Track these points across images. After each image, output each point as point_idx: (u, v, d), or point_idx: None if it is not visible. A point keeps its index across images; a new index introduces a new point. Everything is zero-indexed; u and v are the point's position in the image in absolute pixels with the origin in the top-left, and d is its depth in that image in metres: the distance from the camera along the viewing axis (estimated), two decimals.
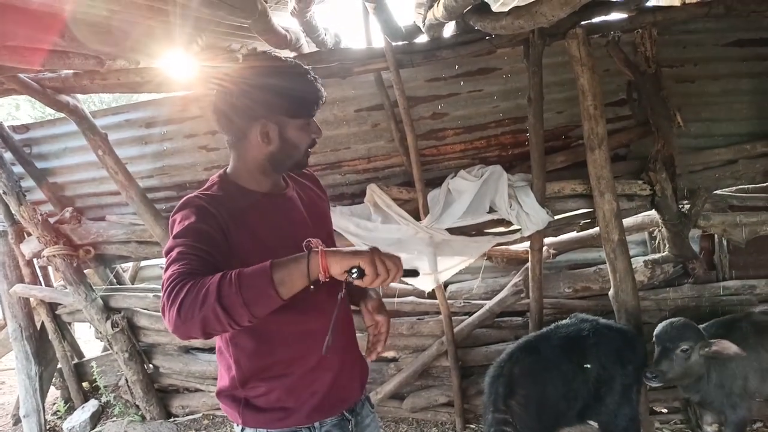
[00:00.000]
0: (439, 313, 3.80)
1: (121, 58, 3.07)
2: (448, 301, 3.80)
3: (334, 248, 1.33)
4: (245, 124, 1.55)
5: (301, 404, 1.61)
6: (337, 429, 1.68)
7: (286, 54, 3.37)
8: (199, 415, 4.31)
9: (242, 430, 1.65)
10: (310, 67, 1.66)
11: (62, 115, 3.56)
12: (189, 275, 1.27)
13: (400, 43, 3.28)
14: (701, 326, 2.93)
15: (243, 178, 1.63)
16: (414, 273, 1.45)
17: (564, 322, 3.07)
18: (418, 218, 3.58)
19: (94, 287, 4.14)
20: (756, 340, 2.86)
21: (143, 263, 5.43)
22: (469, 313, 3.91)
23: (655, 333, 2.77)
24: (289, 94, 1.53)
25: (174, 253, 1.35)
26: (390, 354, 4.06)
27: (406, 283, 3.89)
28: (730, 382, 2.82)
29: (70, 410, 4.51)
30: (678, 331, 2.71)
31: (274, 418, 1.61)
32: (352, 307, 1.84)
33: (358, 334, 1.87)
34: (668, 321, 2.79)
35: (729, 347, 2.64)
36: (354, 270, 1.28)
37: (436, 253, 3.62)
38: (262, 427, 1.62)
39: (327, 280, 1.29)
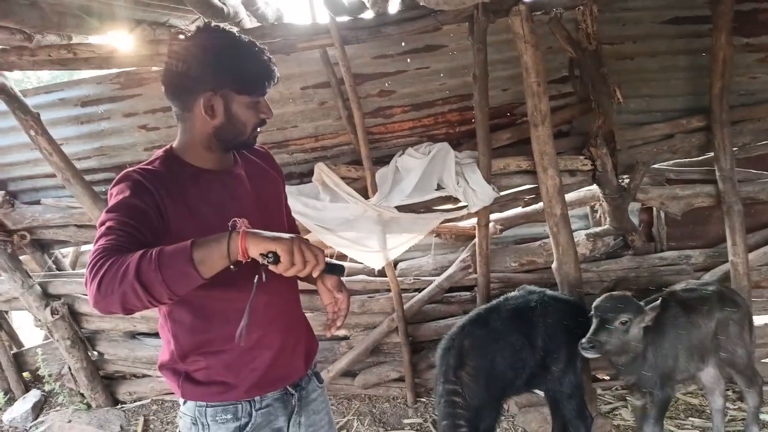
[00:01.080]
0: (389, 290, 3.82)
1: (51, 33, 2.93)
2: (398, 279, 3.83)
3: (257, 230, 1.28)
4: (191, 97, 1.51)
5: (241, 380, 1.60)
6: (279, 403, 1.69)
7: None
8: (148, 400, 4.24)
9: (184, 403, 1.65)
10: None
11: None
12: (113, 251, 1.26)
13: (344, 18, 3.23)
14: None
15: (188, 154, 1.59)
16: (339, 269, 1.46)
17: (512, 294, 3.14)
18: (366, 197, 3.57)
19: (31, 274, 3.98)
20: (686, 318, 2.91)
21: (84, 248, 5.24)
22: (419, 290, 3.95)
23: (594, 305, 2.76)
24: (238, 69, 1.50)
25: (103, 228, 1.33)
26: (341, 332, 4.07)
27: (356, 261, 3.90)
28: (664, 362, 2.86)
29: (11, 401, 4.36)
30: (618, 302, 2.70)
31: (212, 392, 1.60)
32: (306, 286, 1.81)
33: (312, 313, 1.87)
34: (608, 293, 2.81)
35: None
36: (270, 254, 1.24)
37: (385, 231, 3.63)
38: (202, 401, 1.61)
39: (248, 261, 1.26)
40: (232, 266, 1.27)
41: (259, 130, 1.61)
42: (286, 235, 1.27)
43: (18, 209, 3.89)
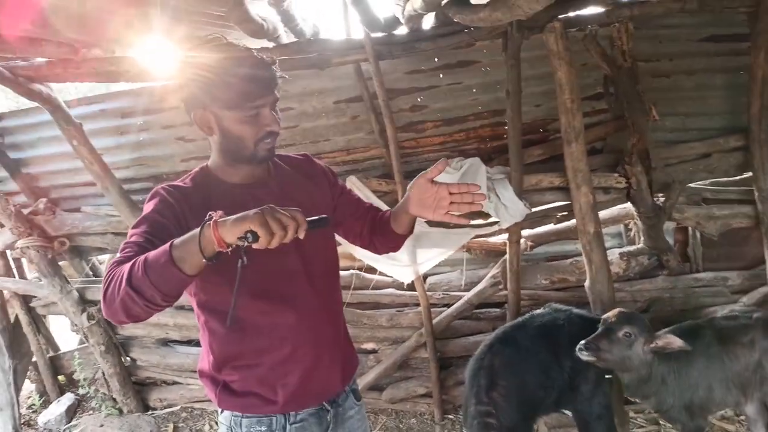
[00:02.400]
0: (418, 304, 3.82)
1: (96, 47, 3.03)
2: (428, 293, 3.82)
3: (227, 217, 1.22)
4: (191, 114, 1.56)
5: (275, 394, 1.61)
6: (314, 418, 1.68)
7: (264, 44, 3.35)
8: (177, 407, 4.29)
9: (221, 411, 1.67)
10: (285, 57, 1.65)
11: (36, 104, 3.50)
12: (120, 264, 1.29)
13: (379, 34, 3.28)
14: (665, 329, 2.88)
15: (218, 169, 1.63)
16: (323, 221, 1.33)
17: (539, 311, 3.10)
18: None
19: (69, 279, 4.09)
20: (720, 348, 2.78)
21: None
22: (448, 305, 3.94)
23: (602, 317, 2.69)
24: (222, 85, 1.48)
25: (122, 245, 1.38)
26: (369, 346, 4.07)
27: (386, 275, 3.90)
28: (691, 392, 2.75)
29: (46, 404, 4.46)
30: (625, 316, 2.62)
31: (248, 404, 1.62)
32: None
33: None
34: (618, 309, 2.72)
35: (673, 341, 2.54)
36: (248, 234, 1.19)
37: (415, 245, 3.63)
38: (238, 411, 1.63)
39: (228, 250, 1.22)
40: (210, 260, 1.22)
41: (268, 141, 1.56)
42: (252, 210, 1.21)
43: (59, 216, 4.01)
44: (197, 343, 4.22)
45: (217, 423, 4.09)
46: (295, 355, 1.61)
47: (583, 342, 2.54)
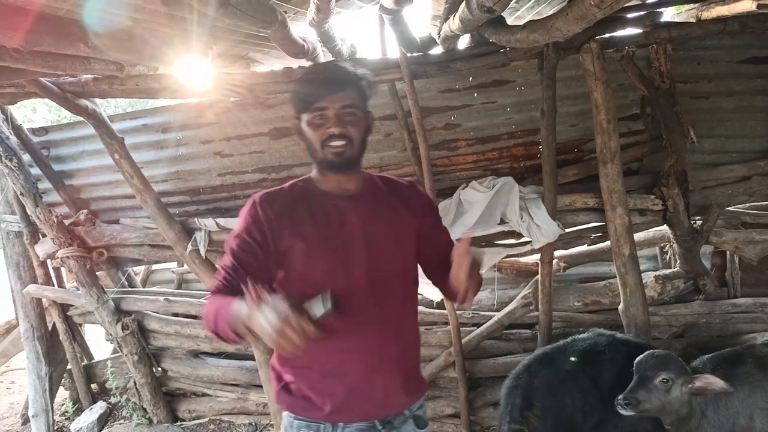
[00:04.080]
0: (447, 323, 3.79)
1: (140, 65, 3.12)
2: (457, 312, 3.80)
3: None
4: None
5: (321, 401, 1.65)
6: None
7: (302, 63, 3.41)
8: (206, 420, 4.32)
9: (281, 409, 1.77)
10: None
11: (80, 118, 3.61)
12: (213, 293, 1.56)
13: (414, 54, 3.31)
14: (705, 357, 2.83)
15: (316, 177, 1.74)
16: (326, 308, 1.35)
17: (581, 336, 3.04)
18: None
19: (105, 289, 4.18)
20: (762, 375, 2.67)
21: (155, 267, 5.47)
22: (478, 324, 3.91)
23: (635, 361, 2.59)
24: (296, 90, 1.67)
25: (220, 264, 1.65)
26: None
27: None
28: (732, 422, 2.64)
29: (78, 411, 4.53)
30: (659, 360, 2.52)
31: (299, 406, 1.69)
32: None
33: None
34: (650, 351, 2.61)
35: (714, 383, 2.44)
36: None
37: None
38: (292, 412, 1.71)
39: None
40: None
41: (333, 144, 1.60)
42: (260, 322, 1.27)
43: (98, 227, 4.11)
44: (228, 356, 4.27)
45: None
46: (343, 368, 1.64)
47: (621, 397, 2.48)
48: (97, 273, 4.22)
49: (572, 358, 2.82)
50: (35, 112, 14.08)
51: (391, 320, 1.67)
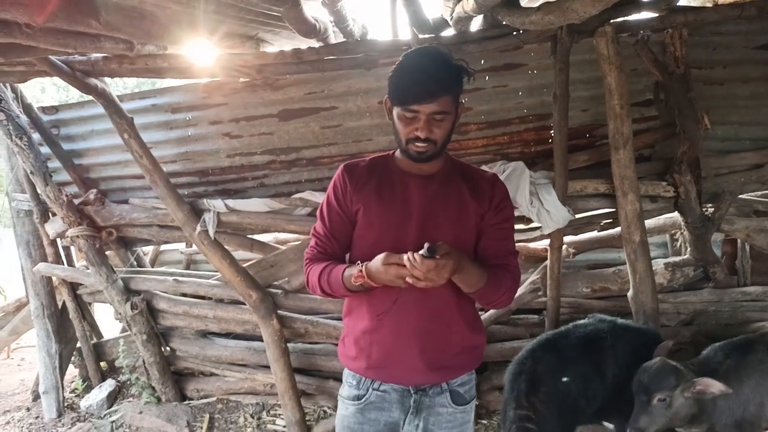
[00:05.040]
0: None
1: (149, 43, 3.11)
2: None
3: (372, 265, 1.61)
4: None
5: (361, 356, 1.83)
6: (396, 395, 1.82)
7: (312, 43, 3.39)
8: (214, 399, 4.36)
9: None
10: (332, 57, 1.73)
11: (90, 97, 3.61)
12: (311, 260, 1.85)
13: (426, 35, 3.28)
14: (717, 345, 2.85)
15: (398, 155, 1.87)
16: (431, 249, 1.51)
17: (582, 321, 3.07)
18: None
19: (115, 269, 4.20)
20: None
21: (164, 247, 5.49)
22: (483, 309, 3.91)
23: (634, 379, 2.60)
24: (395, 79, 1.69)
25: (312, 230, 1.91)
26: None
27: None
28: (743, 409, 2.67)
29: (88, 389, 4.58)
30: (652, 379, 2.52)
31: (346, 356, 1.89)
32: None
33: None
34: (645, 365, 2.58)
35: (712, 385, 2.45)
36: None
37: None
38: (342, 361, 1.93)
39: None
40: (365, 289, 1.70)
41: (418, 145, 1.68)
42: (384, 269, 1.57)
43: (107, 207, 4.12)
44: (235, 336, 4.30)
45: (252, 416, 4.16)
46: (381, 331, 1.77)
47: (628, 430, 2.53)
48: (106, 252, 4.24)
49: (575, 344, 2.83)
50: (44, 92, 14.10)
51: (431, 296, 1.72)
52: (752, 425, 2.71)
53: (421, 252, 1.49)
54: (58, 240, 4.38)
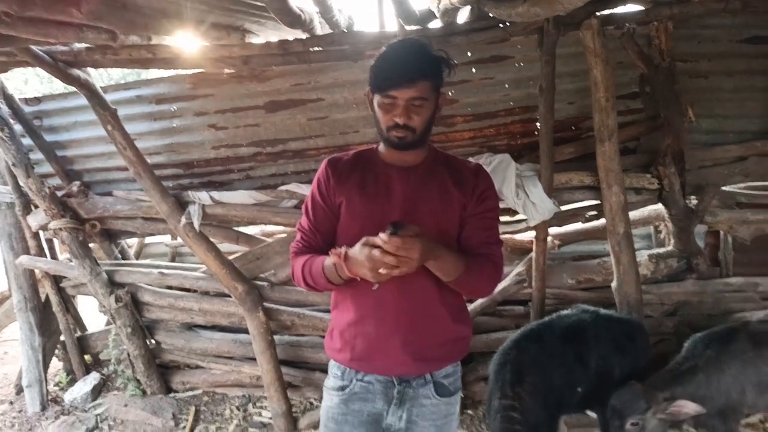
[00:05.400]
0: None
1: (133, 34, 3.06)
2: None
3: (350, 257, 1.59)
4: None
5: (345, 348, 1.84)
6: (380, 386, 1.84)
7: (298, 34, 3.36)
8: (199, 391, 4.35)
9: None
10: (318, 48, 1.71)
11: (73, 89, 3.55)
12: (296, 254, 1.87)
13: (413, 27, 3.26)
14: (698, 335, 2.91)
15: (381, 148, 1.86)
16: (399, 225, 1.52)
17: (566, 312, 3.10)
18: None
19: (99, 262, 4.16)
20: (755, 353, 2.77)
21: (148, 239, 5.46)
22: (471, 300, 3.92)
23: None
24: (375, 68, 1.71)
25: (297, 224, 1.92)
26: None
27: None
28: (725, 397, 2.73)
29: (72, 382, 4.55)
30: (623, 404, 2.59)
31: (331, 347, 1.91)
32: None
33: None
34: (618, 392, 2.64)
35: (686, 407, 2.52)
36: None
37: None
38: (327, 353, 1.94)
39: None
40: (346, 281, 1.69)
41: (397, 132, 1.70)
42: (363, 257, 1.53)
43: (91, 199, 4.07)
44: (221, 329, 4.29)
45: (238, 408, 4.15)
46: (361, 323, 1.78)
47: None
48: (90, 245, 4.20)
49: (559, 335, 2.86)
50: (27, 84, 13.89)
51: (414, 287, 1.74)
52: (734, 411, 2.77)
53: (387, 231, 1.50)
54: (41, 232, 4.33)
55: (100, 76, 12.68)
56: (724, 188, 3.72)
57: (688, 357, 2.82)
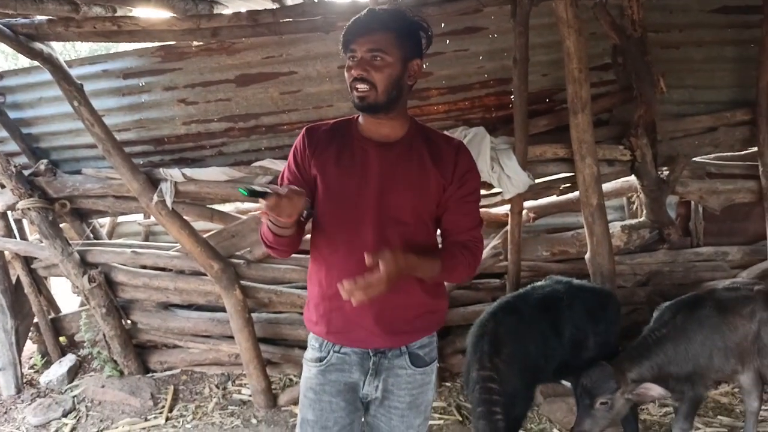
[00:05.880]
0: None
1: (97, 5, 2.98)
2: None
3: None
4: None
5: (320, 320, 1.83)
6: (356, 357, 1.83)
7: (268, 5, 3.29)
8: (178, 371, 4.33)
9: None
10: (289, 19, 1.65)
11: (37, 63, 3.45)
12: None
13: None
14: (666, 304, 2.97)
15: (360, 118, 1.79)
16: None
17: (540, 283, 3.13)
18: None
19: (70, 242, 4.08)
20: (720, 318, 2.83)
21: (120, 219, 5.36)
22: None
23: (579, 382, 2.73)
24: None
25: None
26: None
27: None
28: (693, 363, 2.79)
29: (47, 364, 4.50)
30: (594, 384, 2.64)
31: (308, 319, 1.90)
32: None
33: None
34: (585, 373, 2.69)
35: (652, 389, 2.61)
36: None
37: None
38: (306, 325, 1.93)
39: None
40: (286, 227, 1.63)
41: (357, 87, 1.64)
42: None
43: (59, 178, 3.98)
44: (198, 308, 4.26)
45: (217, 386, 4.15)
46: (336, 298, 1.67)
47: None
48: (60, 225, 4.11)
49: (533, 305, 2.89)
50: None
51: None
52: (702, 377, 2.84)
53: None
54: (9, 213, 4.23)
55: (67, 52, 12.34)
56: (694, 159, 3.77)
57: (657, 327, 2.87)
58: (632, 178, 3.69)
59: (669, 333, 2.80)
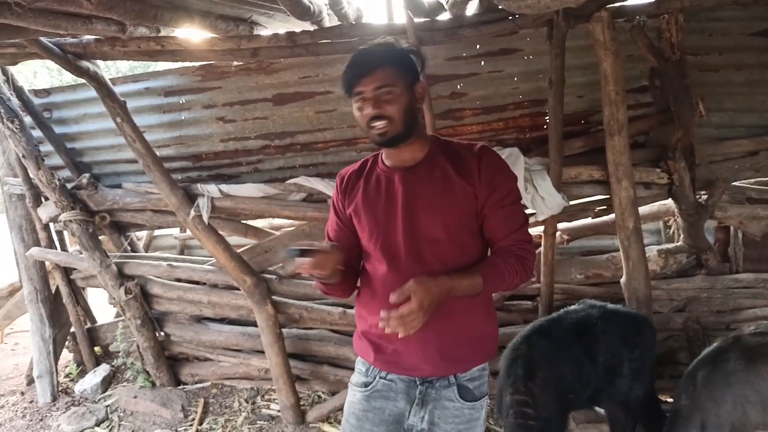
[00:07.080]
0: None
1: (142, 26, 3.08)
2: None
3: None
4: None
5: (369, 348, 1.85)
6: (403, 385, 1.83)
7: (306, 27, 3.36)
8: (208, 383, 4.38)
9: None
10: (327, 40, 1.71)
11: (82, 80, 3.57)
12: None
13: (422, 19, 3.25)
14: (689, 368, 2.71)
15: (384, 152, 1.85)
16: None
17: (573, 307, 3.08)
18: None
19: (108, 254, 4.18)
20: (747, 371, 2.55)
21: (157, 232, 5.48)
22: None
23: None
24: (342, 79, 1.72)
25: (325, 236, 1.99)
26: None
27: None
28: (730, 422, 2.53)
29: (82, 373, 4.59)
30: None
31: (357, 346, 1.93)
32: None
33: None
34: None
35: None
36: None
37: None
38: (355, 350, 1.96)
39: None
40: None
41: (374, 126, 1.67)
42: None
43: (100, 192, 4.10)
44: (230, 322, 4.31)
45: (246, 400, 4.17)
46: (379, 327, 1.62)
47: None
48: (99, 237, 4.22)
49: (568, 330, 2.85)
50: (36, 77, 13.99)
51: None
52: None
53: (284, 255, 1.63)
54: (51, 224, 4.37)
55: (108, 69, 12.73)
56: (734, 183, 3.69)
57: (680, 396, 2.66)
58: (669, 201, 3.62)
59: (695, 402, 2.57)
